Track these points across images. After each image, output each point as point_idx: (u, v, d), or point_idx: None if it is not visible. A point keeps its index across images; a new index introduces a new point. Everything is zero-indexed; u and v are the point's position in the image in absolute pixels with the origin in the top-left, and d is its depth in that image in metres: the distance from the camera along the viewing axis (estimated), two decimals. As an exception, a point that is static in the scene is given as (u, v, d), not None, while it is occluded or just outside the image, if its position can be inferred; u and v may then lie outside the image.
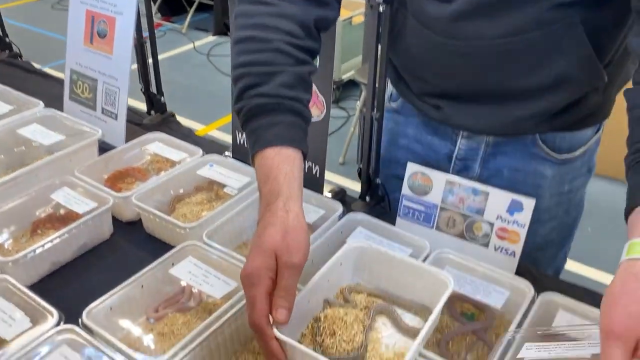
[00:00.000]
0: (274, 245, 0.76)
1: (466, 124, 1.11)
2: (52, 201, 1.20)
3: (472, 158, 1.15)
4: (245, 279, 0.76)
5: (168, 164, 1.36)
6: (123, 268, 1.03)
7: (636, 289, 0.64)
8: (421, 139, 1.21)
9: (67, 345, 0.87)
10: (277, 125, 0.85)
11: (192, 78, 4.57)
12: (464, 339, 0.93)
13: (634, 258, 0.66)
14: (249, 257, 0.77)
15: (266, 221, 0.79)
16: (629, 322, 0.62)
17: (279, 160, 0.82)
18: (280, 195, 0.79)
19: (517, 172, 1.13)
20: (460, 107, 1.09)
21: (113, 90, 1.49)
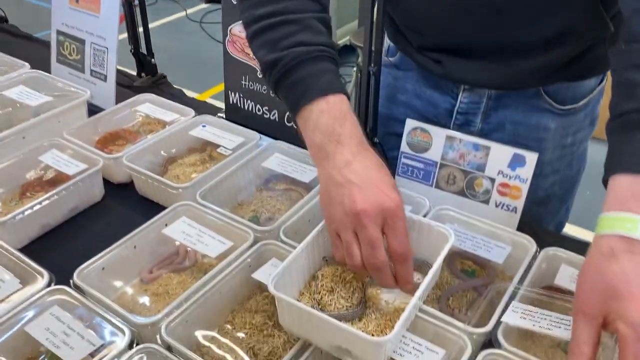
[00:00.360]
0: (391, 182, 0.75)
1: (468, 78, 1.08)
2: (41, 163, 1.17)
3: (473, 112, 1.12)
4: (397, 208, 0.73)
5: (159, 126, 1.32)
6: (115, 230, 1.01)
7: (602, 266, 0.63)
8: (421, 93, 1.17)
9: (58, 306, 0.84)
10: (326, 73, 0.82)
11: (184, 46, 4.49)
12: (464, 296, 0.92)
13: (602, 234, 0.66)
14: (366, 195, 0.73)
15: (369, 161, 0.76)
16: (594, 300, 0.63)
17: (347, 107, 0.80)
18: (363, 142, 0.79)
19: (519, 126, 1.10)
20: (461, 62, 1.05)
21: (101, 51, 1.44)
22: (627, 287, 0.61)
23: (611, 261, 0.63)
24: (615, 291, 0.62)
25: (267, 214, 1.11)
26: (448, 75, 1.09)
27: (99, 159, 1.14)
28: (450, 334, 0.79)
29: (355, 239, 0.74)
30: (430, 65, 1.10)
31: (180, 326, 0.82)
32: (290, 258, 0.80)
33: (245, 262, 0.92)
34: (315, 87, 0.80)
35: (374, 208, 0.72)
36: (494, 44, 1.01)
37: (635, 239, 0.63)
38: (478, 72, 1.05)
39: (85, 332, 0.81)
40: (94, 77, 1.46)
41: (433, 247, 0.85)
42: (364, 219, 0.72)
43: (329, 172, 0.76)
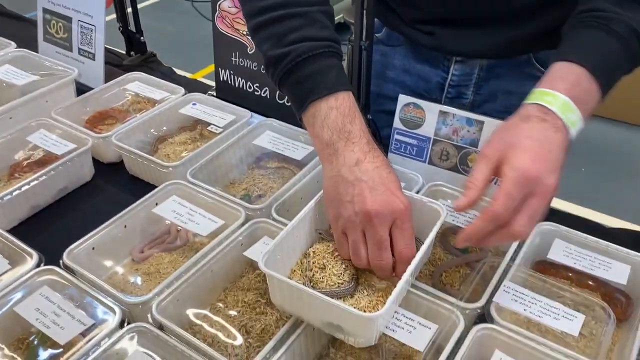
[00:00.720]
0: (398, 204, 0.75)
1: (460, 48, 1.06)
2: (29, 144, 1.15)
3: (465, 84, 1.11)
4: (405, 210, 0.74)
5: (149, 104, 1.30)
6: (105, 210, 1.00)
7: (515, 124, 0.73)
8: (410, 68, 1.15)
9: (48, 286, 0.84)
10: (333, 69, 0.81)
11: (176, 25, 4.43)
12: (457, 271, 0.91)
13: (525, 103, 0.74)
14: (376, 195, 0.73)
15: (379, 161, 0.77)
16: (496, 146, 0.72)
17: (354, 104, 0.80)
18: (372, 141, 0.79)
19: (511, 95, 1.08)
20: (453, 32, 1.03)
21: (88, 29, 1.41)
22: (526, 141, 0.69)
23: (523, 121, 0.72)
24: (515, 142, 0.70)
25: (258, 192, 1.10)
26: (440, 47, 1.07)
27: (88, 139, 1.13)
28: (443, 310, 0.79)
29: (363, 238, 0.75)
30: (421, 38, 1.08)
31: (172, 305, 0.82)
32: (282, 235, 0.79)
33: (237, 240, 0.91)
34: (323, 84, 0.79)
35: (384, 209, 0.73)
36: (487, 12, 1.00)
37: (550, 110, 0.71)
38: (470, 41, 1.04)
39: (75, 311, 0.80)
40: (82, 56, 1.44)
41: (425, 223, 0.84)
42: (374, 219, 0.72)
43: (339, 170, 0.76)
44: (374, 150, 0.78)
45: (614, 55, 0.77)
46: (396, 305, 0.78)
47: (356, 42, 1.09)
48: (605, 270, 0.86)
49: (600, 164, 2.88)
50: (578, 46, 0.77)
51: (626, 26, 0.76)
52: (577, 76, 0.74)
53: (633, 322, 0.82)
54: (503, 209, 0.67)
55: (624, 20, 0.76)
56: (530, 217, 0.68)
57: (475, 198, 0.71)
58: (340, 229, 0.77)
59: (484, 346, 0.76)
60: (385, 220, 0.73)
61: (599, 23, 0.77)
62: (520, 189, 0.67)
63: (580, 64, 0.74)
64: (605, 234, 0.98)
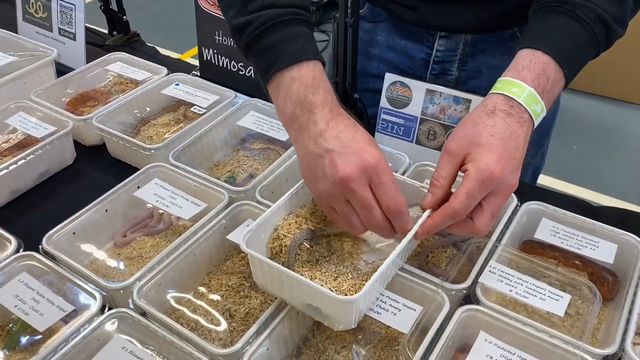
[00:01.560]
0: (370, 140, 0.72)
1: (443, 23, 1.04)
2: (8, 127, 1.13)
3: (449, 60, 1.08)
4: (379, 165, 0.70)
5: (132, 85, 1.28)
6: (88, 194, 0.98)
7: (480, 118, 0.72)
8: (394, 45, 1.13)
9: (27, 272, 0.82)
10: (299, 38, 0.77)
11: (163, 4, 4.35)
12: (444, 252, 0.90)
13: (491, 93, 0.74)
14: (346, 159, 0.70)
15: (343, 125, 0.73)
16: (461, 143, 0.71)
17: (320, 73, 0.76)
18: (336, 108, 0.75)
19: (496, 70, 1.06)
20: (436, 7, 1.01)
21: (69, 8, 1.37)
22: (490, 139, 0.69)
23: (489, 116, 0.71)
24: (479, 139, 0.70)
25: (244, 173, 1.08)
26: (423, 22, 1.05)
27: (68, 121, 1.10)
28: (428, 291, 0.78)
29: (350, 207, 0.72)
30: (403, 13, 1.05)
31: (154, 290, 0.81)
32: (264, 215, 0.78)
33: (220, 223, 0.89)
34: (287, 53, 0.76)
35: (356, 169, 0.69)
36: None
37: (516, 101, 0.71)
38: (454, 16, 1.02)
39: (55, 298, 0.79)
40: (63, 36, 1.40)
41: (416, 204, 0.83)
42: (350, 183, 0.69)
43: (306, 146, 0.73)
44: (338, 116, 0.74)
45: (580, 42, 0.76)
46: (381, 287, 0.77)
47: (341, 19, 1.07)
48: (592, 250, 0.85)
49: (590, 141, 2.88)
50: (544, 33, 0.76)
51: (592, 12, 0.75)
52: (543, 65, 0.73)
53: (619, 301, 0.81)
54: (463, 207, 0.68)
55: (589, 7, 0.75)
56: (492, 216, 0.71)
57: (441, 196, 0.72)
58: (326, 206, 0.75)
59: (469, 327, 0.76)
60: (361, 181, 0.70)
61: (565, 9, 0.76)
62: (483, 189, 0.68)
63: (546, 52, 0.73)
64: (593, 213, 0.97)
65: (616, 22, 0.77)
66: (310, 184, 0.76)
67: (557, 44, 0.75)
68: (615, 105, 3.15)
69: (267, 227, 0.79)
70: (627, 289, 0.81)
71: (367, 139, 0.73)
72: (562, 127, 1.23)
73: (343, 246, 0.81)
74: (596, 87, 3.12)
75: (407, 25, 1.08)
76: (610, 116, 3.07)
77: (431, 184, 0.74)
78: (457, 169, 0.72)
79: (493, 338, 0.74)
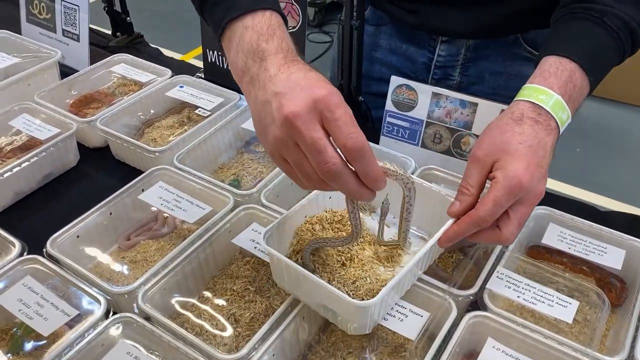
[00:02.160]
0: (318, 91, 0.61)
1: (445, 27, 1.03)
2: (11, 129, 1.12)
3: (451, 65, 1.08)
4: (331, 97, 0.60)
5: (136, 87, 1.27)
6: (92, 196, 0.97)
7: (507, 125, 0.71)
8: (395, 48, 1.12)
9: (31, 276, 0.82)
10: None
11: (167, 4, 4.35)
12: (450, 257, 0.90)
13: (518, 100, 0.73)
14: (292, 97, 0.60)
15: (296, 68, 0.64)
16: (488, 150, 0.70)
17: (278, 23, 0.70)
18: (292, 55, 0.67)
19: (498, 76, 1.06)
20: (438, 11, 1.01)
21: (72, 9, 1.37)
22: (518, 147, 0.68)
23: (516, 123, 0.70)
24: (508, 147, 0.69)
25: (248, 176, 1.07)
26: (425, 26, 1.04)
27: (72, 123, 1.10)
28: (435, 297, 0.77)
29: (301, 152, 0.61)
30: (405, 16, 1.05)
31: (158, 294, 0.80)
32: (286, 215, 0.78)
33: (225, 227, 0.89)
34: (240, 3, 0.70)
35: (303, 105, 0.59)
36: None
37: (544, 109, 0.71)
38: (455, 20, 1.01)
39: (59, 302, 0.78)
40: (66, 37, 1.40)
41: (438, 215, 0.83)
42: (296, 122, 0.59)
43: (256, 96, 0.65)
44: (292, 61, 0.65)
45: (607, 50, 0.76)
46: (398, 295, 0.76)
47: (347, 22, 1.06)
48: (600, 255, 0.84)
49: (595, 144, 2.87)
50: (571, 40, 0.76)
51: (619, 19, 0.75)
52: (570, 72, 0.73)
53: (628, 307, 0.81)
54: (490, 215, 0.67)
55: (617, 14, 0.74)
56: (519, 225, 0.70)
57: (469, 205, 0.71)
58: (279, 158, 0.65)
59: (476, 334, 0.75)
60: (310, 118, 0.59)
61: (591, 16, 0.75)
62: (510, 197, 0.67)
63: (573, 59, 0.73)
64: (600, 218, 0.97)
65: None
66: (261, 136, 0.66)
67: (583, 51, 0.74)
68: (619, 108, 3.14)
69: (286, 226, 0.79)
70: (635, 295, 0.80)
71: (321, 78, 0.64)
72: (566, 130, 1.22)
73: (365, 250, 0.81)
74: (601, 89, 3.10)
75: (408, 28, 1.08)
76: (614, 119, 3.06)
77: (459, 191, 0.72)
78: (485, 177, 0.71)
79: (501, 345, 0.73)
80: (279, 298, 0.82)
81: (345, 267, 0.77)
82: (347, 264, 0.77)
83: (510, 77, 1.07)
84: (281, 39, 0.67)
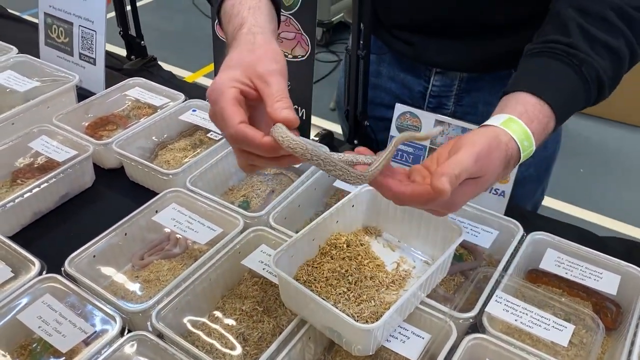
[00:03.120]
0: (241, 60, 0.67)
1: (438, 60, 1.08)
2: (30, 150, 1.17)
3: (445, 95, 1.12)
4: (210, 96, 0.66)
5: (150, 110, 1.32)
6: (106, 216, 1.02)
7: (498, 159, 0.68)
8: (395, 76, 1.17)
9: (50, 294, 0.86)
10: None
11: (177, 23, 4.44)
12: (452, 280, 0.93)
13: (512, 136, 0.69)
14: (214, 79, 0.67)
15: (231, 49, 0.70)
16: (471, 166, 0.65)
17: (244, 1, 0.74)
18: (245, 25, 0.71)
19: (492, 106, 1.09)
20: (432, 43, 1.05)
21: (89, 34, 1.42)
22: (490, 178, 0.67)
23: (504, 162, 0.68)
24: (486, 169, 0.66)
25: (257, 198, 1.11)
26: (420, 58, 1.09)
27: (89, 145, 1.14)
28: (436, 319, 0.81)
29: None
30: (401, 47, 1.10)
31: (171, 313, 0.84)
32: (294, 238, 0.83)
33: (235, 248, 0.92)
34: None
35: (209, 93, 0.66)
36: (467, 23, 1.01)
37: (519, 157, 0.70)
38: (449, 54, 1.05)
39: (77, 320, 0.82)
40: (83, 61, 1.45)
41: (441, 240, 0.87)
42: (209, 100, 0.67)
43: None
44: (235, 40, 0.70)
45: (578, 101, 0.76)
46: (401, 318, 0.80)
47: (353, 52, 1.11)
48: (596, 280, 0.87)
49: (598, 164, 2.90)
50: (552, 84, 0.74)
51: (594, 72, 0.75)
52: (547, 120, 0.73)
53: (622, 331, 0.83)
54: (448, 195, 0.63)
55: (593, 66, 0.75)
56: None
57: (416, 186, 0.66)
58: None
59: (476, 356, 0.78)
60: (214, 98, 0.65)
61: (573, 63, 0.75)
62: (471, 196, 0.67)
63: (552, 108, 0.73)
64: (598, 243, 1.00)
65: (610, 86, 0.77)
66: None
67: (562, 100, 0.74)
68: (621, 128, 3.17)
69: (296, 248, 0.83)
70: (630, 320, 0.83)
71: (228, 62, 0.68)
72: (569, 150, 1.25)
73: (373, 271, 0.85)
74: (602, 110, 3.14)
75: (406, 59, 1.12)
76: (617, 140, 3.09)
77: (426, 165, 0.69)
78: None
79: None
80: (286, 318, 0.85)
81: (351, 290, 0.80)
82: (352, 287, 0.81)
83: None
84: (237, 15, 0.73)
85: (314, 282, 0.82)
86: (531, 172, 1.18)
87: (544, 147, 1.16)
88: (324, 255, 0.86)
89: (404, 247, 0.93)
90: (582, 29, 0.76)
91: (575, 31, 0.76)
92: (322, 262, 0.85)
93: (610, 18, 0.77)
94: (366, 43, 1.10)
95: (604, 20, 0.77)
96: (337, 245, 0.87)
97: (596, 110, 3.09)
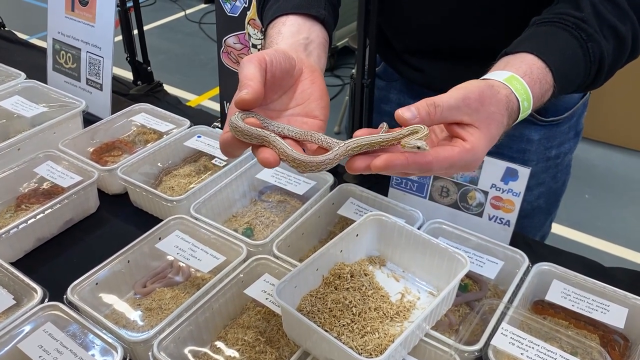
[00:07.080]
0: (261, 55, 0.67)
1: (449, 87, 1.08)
2: (36, 175, 1.17)
3: None
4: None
5: (155, 136, 1.33)
6: (110, 242, 1.01)
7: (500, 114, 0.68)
8: (404, 103, 1.17)
9: (52, 322, 0.85)
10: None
11: (183, 47, 4.48)
12: (457, 310, 0.92)
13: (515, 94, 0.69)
14: None
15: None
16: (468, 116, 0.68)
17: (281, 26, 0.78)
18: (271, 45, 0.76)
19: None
20: (443, 70, 1.05)
21: (97, 60, 1.44)
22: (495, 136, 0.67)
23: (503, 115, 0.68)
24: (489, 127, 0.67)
25: (261, 225, 1.11)
26: (431, 85, 1.09)
27: (94, 171, 1.15)
28: (441, 352, 0.80)
29: None
30: (412, 74, 1.10)
31: (173, 343, 0.83)
32: (298, 269, 0.82)
33: (238, 277, 0.92)
34: (287, 4, 0.80)
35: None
36: (478, 48, 1.01)
37: (518, 111, 0.69)
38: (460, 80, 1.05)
39: (78, 349, 0.81)
40: (90, 86, 1.47)
41: (447, 271, 0.86)
42: None
43: None
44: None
45: (577, 74, 0.76)
46: (405, 350, 0.79)
47: (358, 80, 1.11)
48: (603, 313, 0.86)
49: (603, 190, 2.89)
50: (558, 51, 0.73)
51: (599, 51, 0.75)
52: (548, 88, 0.72)
53: (631, 365, 0.82)
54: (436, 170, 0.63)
55: (600, 46, 0.75)
56: None
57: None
58: None
59: (481, 390, 0.77)
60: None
61: (581, 37, 0.74)
62: (457, 168, 0.65)
63: (555, 78, 0.72)
64: (604, 274, 0.99)
65: (607, 72, 0.77)
66: None
67: (565, 74, 0.73)
68: (627, 154, 3.17)
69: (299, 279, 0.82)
70: (638, 353, 0.82)
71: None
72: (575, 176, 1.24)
73: (377, 302, 0.84)
74: (609, 135, 3.14)
75: (416, 86, 1.13)
76: (622, 165, 3.09)
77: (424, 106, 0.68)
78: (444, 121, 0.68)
79: (505, 402, 0.75)
80: (288, 349, 0.84)
81: (355, 322, 0.79)
82: (356, 319, 0.80)
83: (513, 137, 1.10)
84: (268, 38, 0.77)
85: (317, 313, 0.81)
86: (540, 203, 1.17)
87: (553, 178, 1.17)
88: (328, 286, 0.86)
89: (409, 277, 0.92)
90: (595, 8, 0.76)
91: (588, 8, 0.76)
92: (326, 293, 0.84)
93: (622, 4, 0.77)
94: (371, 71, 1.11)
95: (616, 5, 0.77)
96: (341, 275, 0.86)
97: (601, 136, 3.09)
